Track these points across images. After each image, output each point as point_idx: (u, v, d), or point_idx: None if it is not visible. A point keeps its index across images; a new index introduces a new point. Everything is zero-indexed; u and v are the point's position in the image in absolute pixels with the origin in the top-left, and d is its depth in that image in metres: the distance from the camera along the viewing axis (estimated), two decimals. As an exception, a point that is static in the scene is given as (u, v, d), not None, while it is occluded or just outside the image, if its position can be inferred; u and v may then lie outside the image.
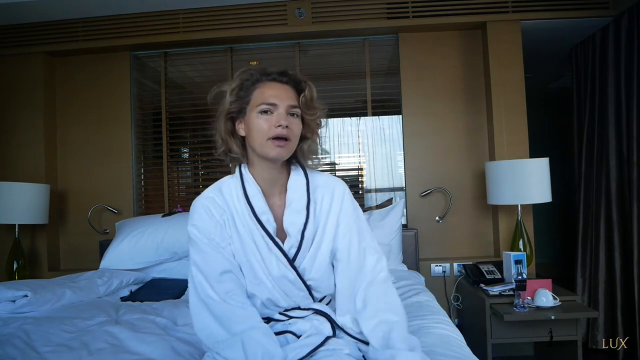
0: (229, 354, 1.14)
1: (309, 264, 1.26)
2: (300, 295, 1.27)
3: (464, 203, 3.00)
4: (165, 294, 2.24)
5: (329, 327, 1.24)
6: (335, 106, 3.14)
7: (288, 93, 1.23)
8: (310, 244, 1.27)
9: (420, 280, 2.44)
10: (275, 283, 1.24)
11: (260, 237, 1.24)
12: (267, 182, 1.29)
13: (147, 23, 3.05)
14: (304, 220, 1.26)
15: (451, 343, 1.42)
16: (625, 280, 2.72)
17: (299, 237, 1.26)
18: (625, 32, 2.65)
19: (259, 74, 1.26)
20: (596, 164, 2.91)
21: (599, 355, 2.78)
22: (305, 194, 1.29)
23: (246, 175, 1.29)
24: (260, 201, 1.26)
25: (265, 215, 1.25)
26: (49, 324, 1.68)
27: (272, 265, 1.23)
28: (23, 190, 2.79)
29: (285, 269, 1.24)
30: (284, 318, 1.26)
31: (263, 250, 1.24)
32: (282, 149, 1.21)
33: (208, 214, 1.26)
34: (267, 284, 1.23)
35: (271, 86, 1.24)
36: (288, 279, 1.24)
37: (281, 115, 1.20)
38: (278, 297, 1.25)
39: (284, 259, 1.23)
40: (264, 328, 1.18)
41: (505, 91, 2.88)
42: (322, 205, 1.30)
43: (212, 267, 1.22)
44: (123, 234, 2.64)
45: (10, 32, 3.10)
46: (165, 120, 3.26)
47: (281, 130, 1.19)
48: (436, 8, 2.92)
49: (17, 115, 3.12)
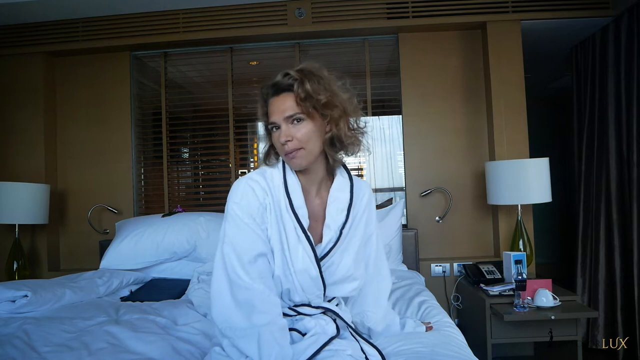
0: (243, 345, 1.14)
1: (338, 259, 1.29)
2: (315, 293, 1.28)
3: (464, 203, 3.00)
4: (165, 294, 2.24)
5: (334, 327, 1.26)
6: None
7: (285, 103, 1.22)
8: (344, 243, 1.31)
9: (420, 280, 2.44)
10: (296, 276, 1.24)
11: (293, 229, 1.25)
12: (306, 180, 1.32)
13: (147, 23, 3.05)
14: (344, 219, 1.31)
15: (452, 343, 1.42)
16: (625, 280, 2.72)
17: (338, 234, 1.29)
18: (625, 32, 2.65)
19: (266, 89, 1.28)
20: (596, 164, 2.91)
21: (599, 355, 2.78)
22: (349, 195, 1.34)
23: (289, 170, 1.31)
24: (299, 195, 1.28)
25: (301, 209, 1.27)
26: (49, 324, 1.67)
27: (298, 258, 1.24)
28: (23, 190, 2.79)
29: (310, 264, 1.24)
30: (293, 313, 1.27)
31: (292, 242, 1.25)
32: (295, 160, 1.23)
33: (253, 194, 1.25)
34: (288, 276, 1.24)
35: (271, 102, 1.25)
36: (310, 274, 1.25)
37: (282, 131, 1.23)
38: (294, 290, 1.26)
39: (312, 253, 1.25)
40: (282, 323, 1.18)
41: (505, 91, 2.88)
42: (360, 208, 1.36)
43: (248, 247, 1.21)
44: (123, 234, 2.64)
45: (10, 32, 3.10)
46: (165, 120, 3.26)
47: (286, 148, 1.22)
48: (436, 8, 2.92)
49: (17, 115, 3.12)
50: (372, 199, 1.42)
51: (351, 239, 1.32)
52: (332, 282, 1.29)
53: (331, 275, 1.29)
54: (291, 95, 1.22)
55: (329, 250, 1.28)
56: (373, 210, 1.42)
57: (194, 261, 2.55)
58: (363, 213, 1.36)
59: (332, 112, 1.24)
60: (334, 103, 1.24)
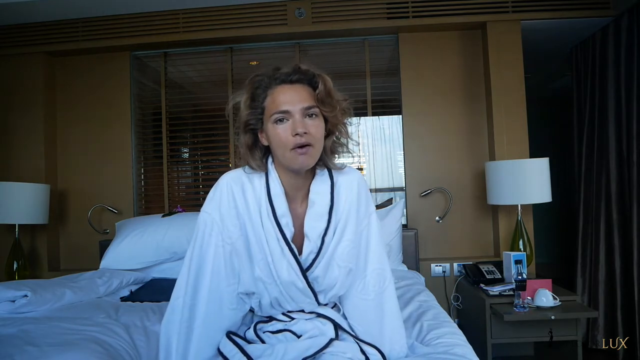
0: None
1: (322, 272, 1.21)
2: (306, 301, 1.23)
3: (464, 203, 3.00)
4: (165, 294, 2.21)
5: (332, 328, 1.22)
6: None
7: (301, 94, 1.13)
8: (327, 250, 1.21)
9: (420, 280, 2.44)
10: (283, 288, 1.19)
11: (276, 240, 1.18)
12: (292, 187, 1.23)
13: (147, 23, 3.05)
14: (325, 225, 1.21)
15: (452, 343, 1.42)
16: (625, 280, 2.72)
17: (319, 243, 1.20)
18: (625, 32, 2.64)
19: (267, 78, 1.17)
20: (596, 164, 2.91)
21: (599, 355, 2.78)
22: (329, 198, 1.23)
23: (272, 173, 1.21)
24: (282, 203, 1.20)
25: (285, 218, 1.19)
26: (48, 324, 1.67)
27: (283, 270, 1.18)
28: (23, 190, 2.79)
29: (295, 277, 1.18)
30: (287, 319, 1.25)
31: (275, 253, 1.18)
32: (305, 156, 1.12)
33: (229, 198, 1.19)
34: (274, 286, 1.19)
35: (281, 90, 1.14)
36: (297, 286, 1.19)
37: (297, 121, 1.11)
38: (284, 300, 1.22)
39: (297, 266, 1.18)
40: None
41: (505, 91, 2.88)
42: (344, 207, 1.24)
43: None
44: (123, 234, 2.64)
45: (10, 32, 3.10)
46: (165, 120, 3.26)
47: (299, 139, 1.10)
48: (436, 8, 2.91)
49: (17, 115, 3.12)
50: (362, 187, 1.27)
51: (337, 245, 1.21)
52: (321, 290, 1.23)
53: (319, 285, 1.22)
54: (307, 88, 1.15)
55: (312, 262, 1.20)
56: (365, 198, 1.27)
57: (194, 261, 2.55)
58: (350, 211, 1.23)
59: (332, 122, 1.19)
60: (338, 116, 1.20)
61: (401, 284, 2.21)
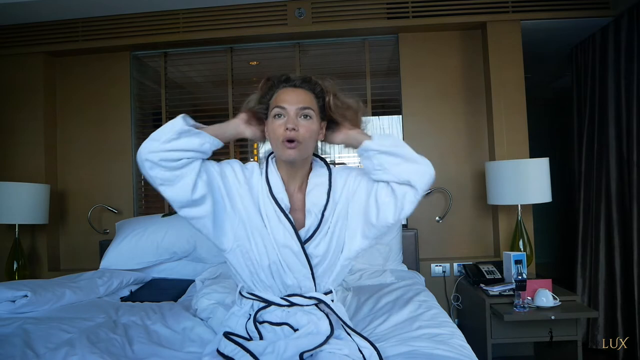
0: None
1: (323, 247, 1.32)
2: (302, 272, 1.30)
3: (464, 203, 3.00)
4: (165, 294, 2.24)
5: (327, 324, 1.28)
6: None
7: (299, 96, 1.29)
8: (327, 227, 1.33)
9: (420, 280, 2.44)
10: (279, 250, 1.28)
11: (273, 211, 1.30)
12: (289, 176, 1.37)
13: (147, 23, 3.05)
14: (324, 202, 1.34)
15: (452, 343, 1.42)
16: (625, 280, 2.72)
17: (319, 217, 1.33)
18: (625, 32, 2.64)
19: (277, 80, 1.34)
20: (596, 164, 2.91)
21: (599, 355, 2.78)
22: (327, 181, 1.37)
23: (272, 164, 1.37)
24: (277, 182, 1.34)
25: (280, 194, 1.32)
26: (48, 324, 1.67)
27: (279, 234, 1.29)
28: (23, 190, 2.79)
29: (291, 239, 1.28)
30: (286, 303, 1.30)
31: (272, 220, 1.30)
32: (292, 150, 1.26)
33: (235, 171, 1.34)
34: (271, 249, 1.29)
35: (285, 91, 1.31)
36: (292, 250, 1.28)
37: (290, 118, 1.26)
38: (282, 269, 1.29)
39: (292, 229, 1.29)
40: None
41: (505, 91, 2.88)
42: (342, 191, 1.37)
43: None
44: (123, 234, 2.64)
45: (10, 32, 3.10)
46: (165, 120, 3.25)
47: (289, 133, 1.25)
48: (436, 8, 2.91)
49: (17, 115, 3.12)
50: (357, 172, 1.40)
51: (336, 222, 1.35)
52: (317, 261, 1.32)
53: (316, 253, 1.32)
54: (308, 93, 1.31)
55: (312, 234, 1.32)
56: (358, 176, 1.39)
57: (194, 261, 2.56)
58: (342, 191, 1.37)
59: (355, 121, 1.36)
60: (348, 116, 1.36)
61: (401, 283, 2.21)
